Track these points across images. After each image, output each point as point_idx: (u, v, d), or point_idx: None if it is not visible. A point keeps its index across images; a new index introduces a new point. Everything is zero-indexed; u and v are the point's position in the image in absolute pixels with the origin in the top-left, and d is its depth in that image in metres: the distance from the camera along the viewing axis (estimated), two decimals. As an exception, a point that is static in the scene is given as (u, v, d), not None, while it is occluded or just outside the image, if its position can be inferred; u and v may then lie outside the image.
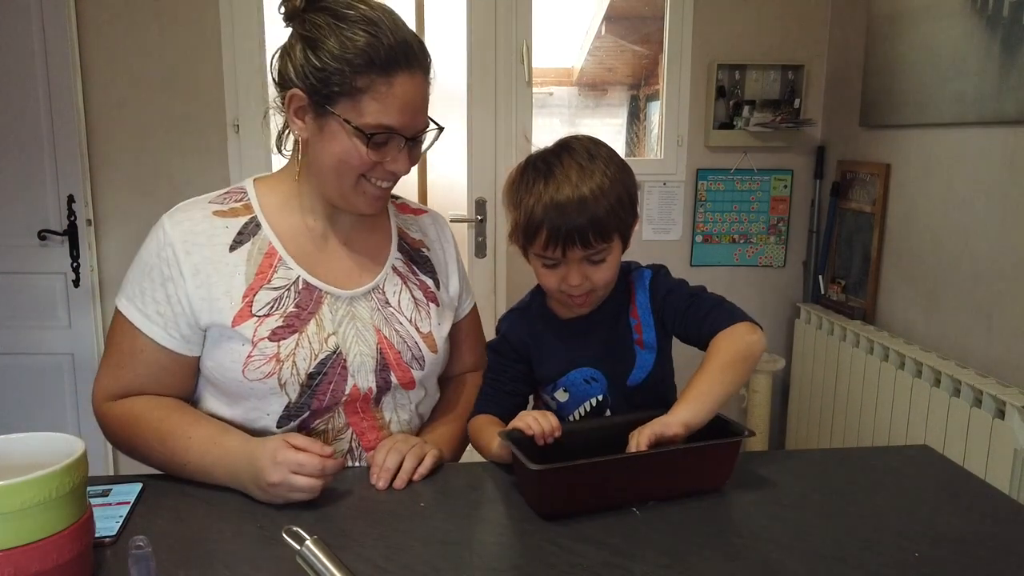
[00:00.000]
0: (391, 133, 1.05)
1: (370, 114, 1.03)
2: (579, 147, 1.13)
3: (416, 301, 1.20)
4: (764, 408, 2.76)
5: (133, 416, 1.08)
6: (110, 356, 1.11)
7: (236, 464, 1.00)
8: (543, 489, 0.96)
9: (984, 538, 0.91)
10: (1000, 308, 1.94)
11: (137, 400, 1.09)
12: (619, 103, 3.09)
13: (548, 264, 1.12)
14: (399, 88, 1.03)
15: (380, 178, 1.09)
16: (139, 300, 1.08)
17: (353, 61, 1.01)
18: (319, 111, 1.05)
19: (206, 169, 2.61)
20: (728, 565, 0.85)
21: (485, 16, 2.64)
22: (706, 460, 1.02)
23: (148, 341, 1.08)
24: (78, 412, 2.64)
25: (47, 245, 2.54)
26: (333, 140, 1.05)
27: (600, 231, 1.08)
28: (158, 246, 1.09)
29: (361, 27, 1.02)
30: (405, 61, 1.03)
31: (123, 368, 1.10)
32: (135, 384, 1.09)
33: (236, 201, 1.14)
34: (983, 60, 1.97)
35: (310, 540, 0.73)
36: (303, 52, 1.04)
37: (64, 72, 2.45)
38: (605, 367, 1.20)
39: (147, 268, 1.09)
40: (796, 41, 2.76)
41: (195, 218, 1.10)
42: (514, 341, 1.24)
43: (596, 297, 1.17)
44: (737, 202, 2.86)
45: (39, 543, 0.72)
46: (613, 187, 1.09)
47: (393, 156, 1.07)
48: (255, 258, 1.10)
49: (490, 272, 2.78)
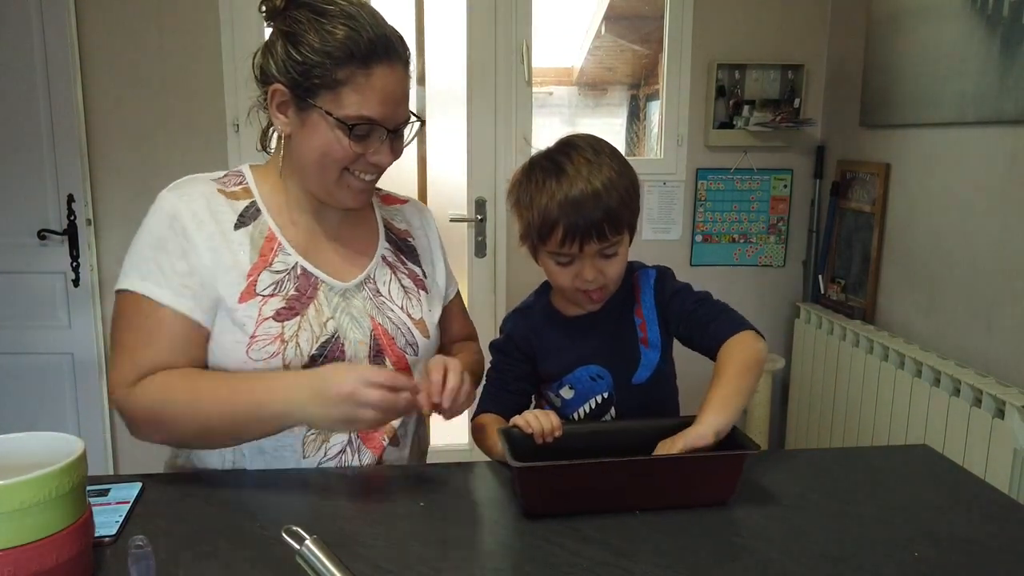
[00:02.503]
0: (372, 124, 1.06)
1: (350, 105, 1.04)
2: (583, 144, 1.15)
3: (406, 289, 1.22)
4: (764, 408, 2.76)
5: (164, 385, 1.03)
6: (123, 343, 1.06)
7: (296, 384, 0.99)
8: (523, 487, 0.97)
9: (984, 538, 0.91)
10: (1000, 308, 1.94)
11: (162, 372, 1.04)
12: (619, 103, 3.09)
13: (562, 261, 1.14)
14: (379, 80, 1.05)
15: (363, 171, 1.10)
16: (157, 276, 1.05)
17: (333, 54, 1.03)
18: (301, 105, 1.06)
19: (206, 169, 2.56)
20: (728, 565, 0.85)
21: (485, 16, 2.64)
22: (706, 472, 0.99)
23: (173, 315, 1.04)
24: (78, 412, 2.64)
25: (47, 245, 2.54)
26: (315, 133, 1.06)
27: (614, 223, 1.10)
28: (168, 219, 1.07)
29: (341, 21, 1.04)
30: (384, 53, 1.05)
31: (145, 348, 1.04)
32: (158, 361, 1.04)
33: (236, 184, 1.15)
34: (983, 60, 1.97)
35: (310, 540, 0.73)
36: (284, 47, 1.06)
37: (64, 72, 2.45)
38: (610, 364, 1.21)
39: (159, 242, 1.07)
40: (796, 41, 2.76)
41: (202, 193, 1.11)
42: (519, 339, 1.24)
43: (608, 292, 1.18)
44: (737, 202, 2.86)
45: (39, 543, 0.72)
46: (621, 180, 1.12)
47: (375, 148, 1.08)
48: (256, 241, 1.11)
49: (490, 272, 2.78)
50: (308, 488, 1.03)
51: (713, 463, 0.99)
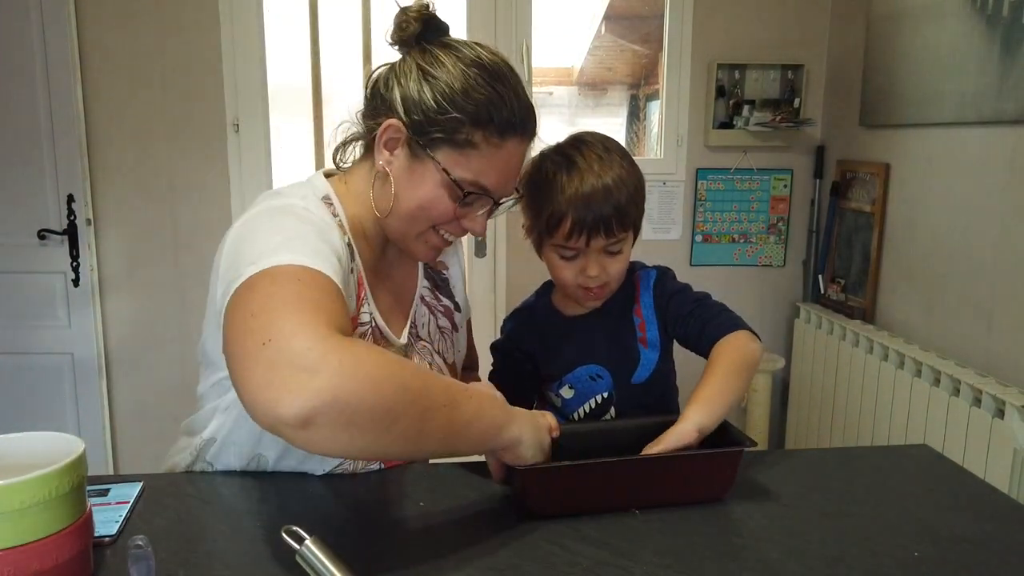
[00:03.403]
0: (484, 194, 1.00)
1: (472, 170, 0.97)
2: (593, 140, 1.16)
3: (442, 330, 1.19)
4: (764, 407, 2.76)
5: (383, 351, 0.82)
6: (303, 298, 0.79)
7: (514, 411, 0.93)
8: (518, 487, 0.97)
9: (984, 538, 0.91)
10: (1000, 308, 1.94)
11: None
12: (619, 103, 3.09)
13: (567, 256, 1.14)
14: (508, 152, 0.99)
15: (451, 232, 1.04)
16: (318, 259, 0.84)
17: (473, 113, 0.95)
18: (415, 151, 0.98)
19: (206, 169, 2.61)
20: (728, 565, 0.85)
21: (485, 16, 2.64)
22: (701, 469, 0.99)
23: (340, 293, 0.84)
24: (78, 412, 2.64)
25: (47, 244, 2.54)
26: (422, 184, 0.99)
27: (622, 219, 1.11)
28: (321, 222, 0.92)
29: (486, 78, 0.97)
30: (522, 127, 1.00)
31: (331, 305, 0.81)
32: (345, 326, 0.81)
33: (333, 215, 1.01)
34: (983, 60, 1.97)
35: (310, 540, 0.73)
36: (418, 84, 0.97)
37: (64, 72, 2.45)
38: (610, 364, 1.21)
39: (317, 231, 0.90)
40: (796, 41, 2.76)
41: (327, 221, 0.97)
42: (519, 340, 1.25)
43: (609, 290, 1.18)
44: (737, 202, 2.86)
45: (38, 543, 0.72)
46: (630, 178, 1.13)
47: (473, 216, 1.02)
48: (352, 287, 0.98)
49: (490, 272, 2.78)
50: (308, 488, 1.03)
51: (707, 460, 0.99)
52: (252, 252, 0.85)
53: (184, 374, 2.59)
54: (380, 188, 1.02)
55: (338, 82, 2.73)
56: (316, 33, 2.70)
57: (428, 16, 1.00)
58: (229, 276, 0.85)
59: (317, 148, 2.77)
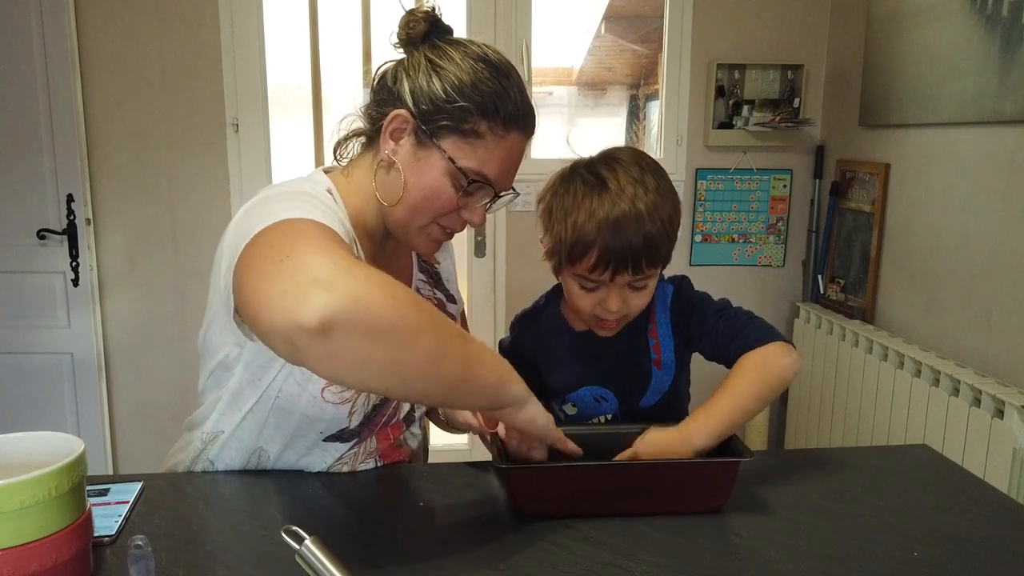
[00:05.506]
0: (486, 184, 1.01)
1: (476, 160, 0.99)
2: (627, 159, 1.07)
3: None
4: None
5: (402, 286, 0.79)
6: (320, 235, 0.81)
7: (519, 377, 0.93)
8: (510, 488, 0.97)
9: (983, 538, 0.91)
10: (999, 308, 1.94)
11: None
12: (619, 102, 3.09)
13: (588, 287, 1.07)
14: (510, 144, 1.01)
15: (451, 225, 1.05)
16: (328, 221, 0.87)
17: (481, 103, 0.97)
18: (421, 139, 0.99)
19: (205, 168, 2.61)
20: (727, 565, 0.85)
21: (485, 16, 2.64)
22: (696, 478, 0.96)
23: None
24: (77, 412, 2.64)
25: (46, 244, 2.54)
26: (426, 173, 0.99)
27: (652, 255, 1.03)
28: (327, 206, 0.95)
29: (493, 72, 0.99)
30: (524, 121, 1.02)
31: (344, 246, 0.82)
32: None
33: (339, 219, 1.01)
34: (983, 60, 1.97)
35: (309, 540, 0.73)
36: (427, 75, 0.98)
37: (64, 72, 2.45)
38: (616, 387, 1.16)
39: (326, 208, 0.93)
40: (796, 41, 2.76)
41: (333, 207, 0.99)
42: (524, 348, 1.22)
43: (626, 322, 1.11)
44: (736, 201, 2.86)
45: (38, 542, 0.72)
46: (665, 203, 1.05)
47: (474, 207, 1.03)
48: None
49: (489, 272, 2.78)
50: (308, 488, 1.03)
51: (702, 470, 0.97)
52: (261, 216, 0.85)
53: (184, 374, 2.59)
54: (384, 177, 1.02)
55: (338, 82, 2.73)
56: (316, 33, 2.70)
57: (435, 18, 1.02)
58: (236, 243, 0.85)
59: (317, 148, 2.77)
